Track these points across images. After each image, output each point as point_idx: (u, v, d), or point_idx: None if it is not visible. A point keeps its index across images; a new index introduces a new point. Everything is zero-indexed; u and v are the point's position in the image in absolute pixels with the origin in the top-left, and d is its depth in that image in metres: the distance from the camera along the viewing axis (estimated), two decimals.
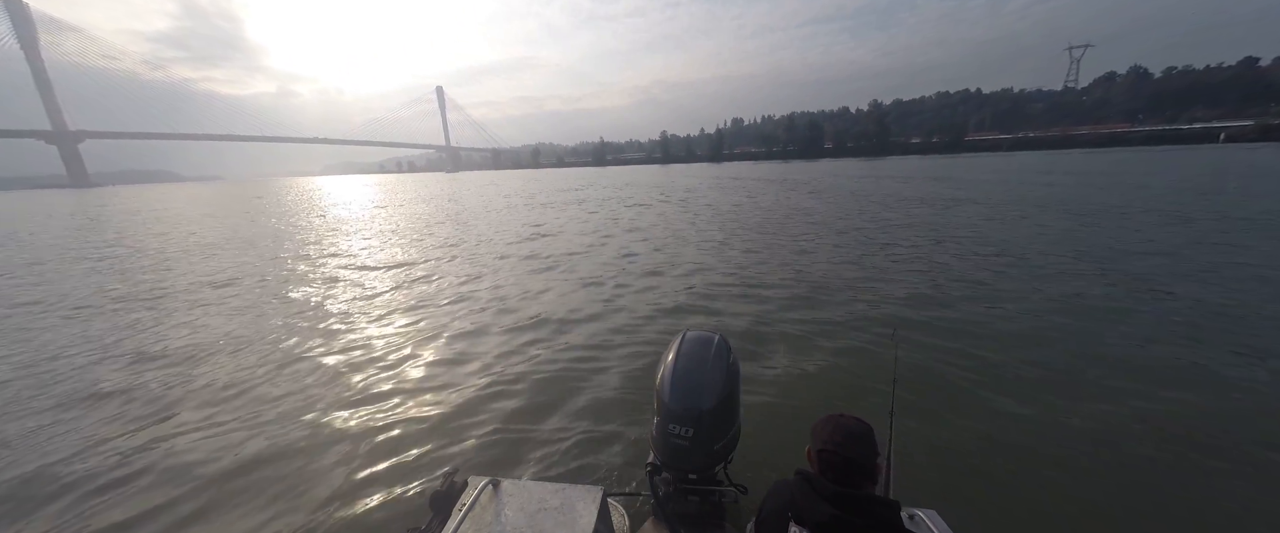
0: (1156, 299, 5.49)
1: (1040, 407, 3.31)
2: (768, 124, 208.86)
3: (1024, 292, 5.93)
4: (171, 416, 3.66)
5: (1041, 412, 3.25)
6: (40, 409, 3.84)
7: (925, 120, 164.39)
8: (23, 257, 12.03)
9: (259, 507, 2.63)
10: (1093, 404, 3.31)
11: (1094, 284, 6.16)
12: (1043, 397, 3.43)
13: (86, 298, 7.49)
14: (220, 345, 5.11)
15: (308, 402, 3.78)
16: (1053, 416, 3.21)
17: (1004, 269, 7.13)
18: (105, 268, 10.07)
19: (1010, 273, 6.91)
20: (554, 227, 14.28)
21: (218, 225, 17.78)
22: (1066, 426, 3.10)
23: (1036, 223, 11.20)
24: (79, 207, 34.95)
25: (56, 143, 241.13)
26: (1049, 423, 3.13)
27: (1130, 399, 3.34)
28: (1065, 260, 7.51)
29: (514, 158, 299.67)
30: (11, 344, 5.43)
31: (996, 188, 20.46)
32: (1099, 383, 3.62)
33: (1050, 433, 3.02)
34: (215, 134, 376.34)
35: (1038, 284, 6.22)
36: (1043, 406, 3.33)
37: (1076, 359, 4.02)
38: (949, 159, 69.30)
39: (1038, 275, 6.70)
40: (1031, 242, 9.05)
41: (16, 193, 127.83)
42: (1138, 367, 3.82)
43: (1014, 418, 3.21)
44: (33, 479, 2.96)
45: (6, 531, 2.56)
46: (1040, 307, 5.33)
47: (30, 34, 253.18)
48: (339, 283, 7.89)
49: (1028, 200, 15.52)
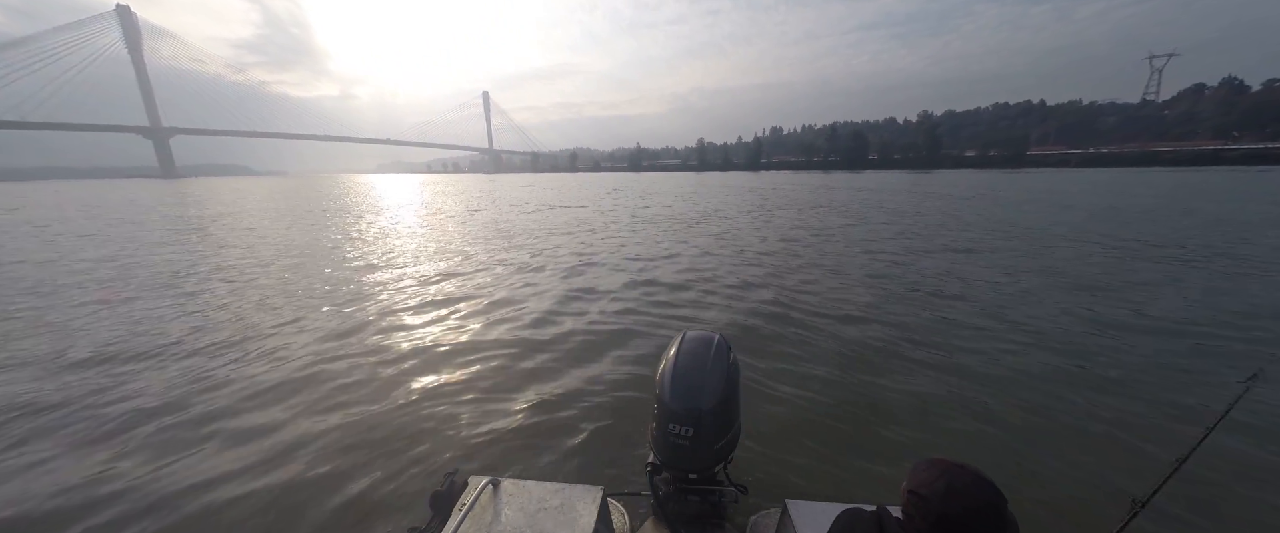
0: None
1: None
2: (809, 133, 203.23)
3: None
4: (172, 413, 3.64)
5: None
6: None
7: (980, 133, 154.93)
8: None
9: (259, 506, 2.63)
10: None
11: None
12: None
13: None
14: (225, 340, 5.11)
15: (307, 400, 3.76)
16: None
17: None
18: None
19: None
20: (558, 229, 14.38)
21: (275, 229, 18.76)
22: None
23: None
24: (187, 194, 37.82)
25: (152, 138, 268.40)
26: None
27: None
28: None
29: (552, 162, 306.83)
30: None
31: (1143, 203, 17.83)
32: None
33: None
34: (286, 133, 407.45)
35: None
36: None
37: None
38: (1008, 175, 64.83)
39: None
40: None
41: (121, 181, 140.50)
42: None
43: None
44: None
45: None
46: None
47: (135, 40, 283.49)
48: (341, 283, 7.94)
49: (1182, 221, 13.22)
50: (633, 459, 2.84)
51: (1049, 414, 3.24)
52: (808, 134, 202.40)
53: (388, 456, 3.01)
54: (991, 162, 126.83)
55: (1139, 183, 34.98)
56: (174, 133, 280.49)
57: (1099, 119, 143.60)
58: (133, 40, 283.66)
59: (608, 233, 13.09)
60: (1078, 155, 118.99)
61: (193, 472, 2.93)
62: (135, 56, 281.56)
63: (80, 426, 3.49)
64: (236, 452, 3.12)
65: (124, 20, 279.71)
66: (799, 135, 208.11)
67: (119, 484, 2.82)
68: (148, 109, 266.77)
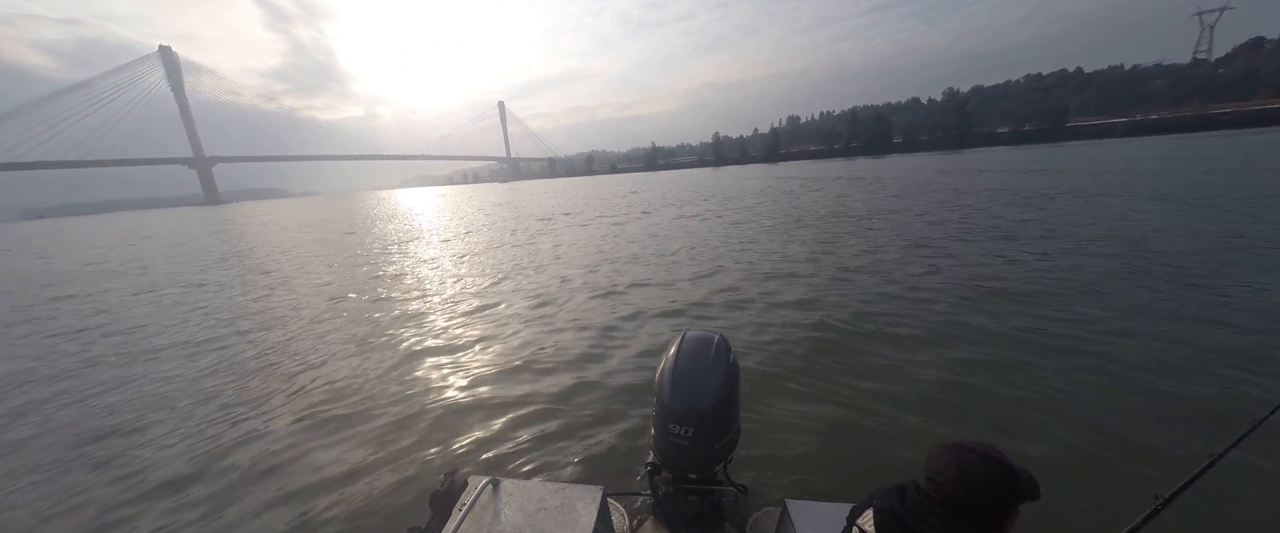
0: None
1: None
2: (827, 120, 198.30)
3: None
4: (168, 408, 3.79)
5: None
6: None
7: (1013, 107, 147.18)
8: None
9: (259, 506, 2.63)
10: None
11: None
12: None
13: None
14: (229, 344, 5.34)
15: (308, 400, 3.82)
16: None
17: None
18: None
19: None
20: (560, 230, 14.39)
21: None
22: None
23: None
24: (235, 219, 40.75)
25: (196, 168, 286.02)
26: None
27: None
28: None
29: (568, 166, 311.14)
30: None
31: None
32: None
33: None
34: (316, 155, 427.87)
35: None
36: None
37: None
38: (1051, 149, 61.08)
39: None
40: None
41: (171, 210, 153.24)
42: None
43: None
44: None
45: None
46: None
47: (177, 77, 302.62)
48: (345, 285, 8.22)
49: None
50: (633, 459, 2.82)
51: (1056, 411, 3.07)
52: (827, 121, 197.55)
53: (388, 455, 3.05)
54: (1027, 136, 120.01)
55: (1198, 151, 32.24)
56: (216, 162, 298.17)
57: (1144, 84, 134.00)
58: (175, 78, 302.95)
59: (605, 233, 13.08)
60: (1123, 124, 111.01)
61: (192, 470, 2.97)
62: (178, 93, 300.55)
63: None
64: (237, 451, 3.15)
65: (166, 60, 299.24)
66: (817, 123, 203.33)
67: (116, 478, 2.93)
68: (191, 141, 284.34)
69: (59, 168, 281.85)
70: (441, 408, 3.58)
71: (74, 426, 3.73)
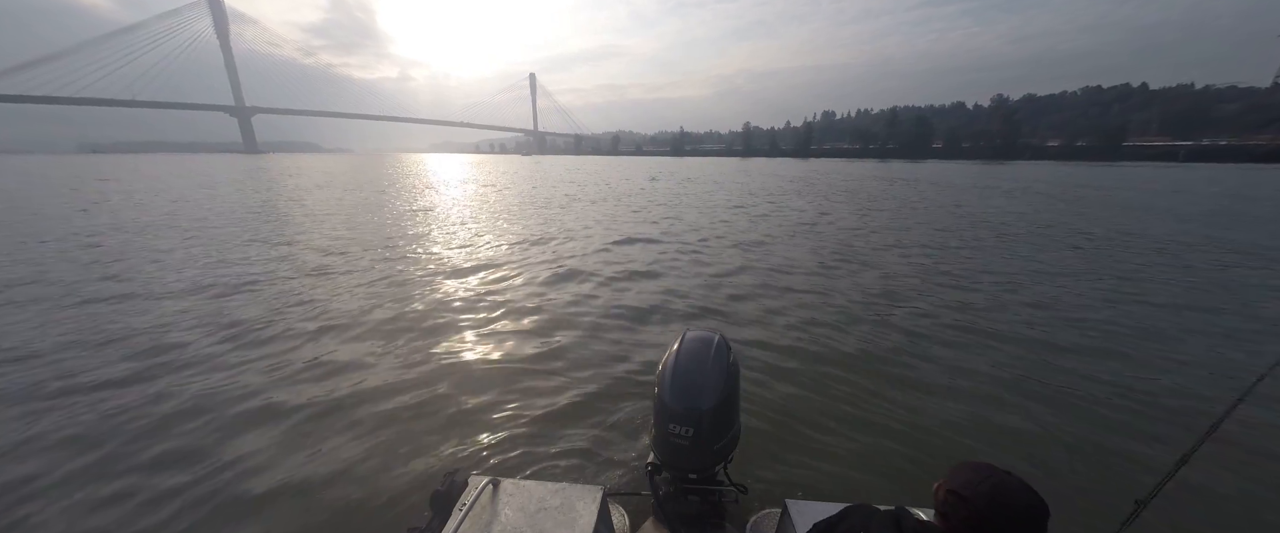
0: None
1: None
2: (864, 118, 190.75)
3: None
4: (169, 403, 3.67)
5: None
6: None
7: (1066, 120, 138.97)
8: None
9: (259, 506, 2.59)
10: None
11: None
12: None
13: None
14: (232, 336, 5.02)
15: (307, 399, 3.72)
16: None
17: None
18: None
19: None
20: (556, 218, 14.12)
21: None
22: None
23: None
24: (287, 168, 42.68)
25: (237, 116, 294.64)
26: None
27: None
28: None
29: (594, 144, 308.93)
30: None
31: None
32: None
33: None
34: (350, 113, 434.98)
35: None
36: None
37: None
38: (1103, 169, 57.78)
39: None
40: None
41: (214, 155, 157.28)
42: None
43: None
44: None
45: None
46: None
47: (223, 25, 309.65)
48: (342, 277, 7.76)
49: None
50: (633, 459, 2.80)
51: (1055, 412, 3.20)
52: (863, 119, 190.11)
53: (387, 455, 2.98)
54: (1079, 153, 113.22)
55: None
56: (256, 112, 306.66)
57: (1214, 106, 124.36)
58: (221, 26, 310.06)
59: (609, 227, 12.86)
60: (1186, 148, 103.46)
61: (192, 470, 2.89)
62: (223, 41, 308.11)
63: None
64: (237, 452, 3.07)
65: (214, 6, 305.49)
66: (853, 120, 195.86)
67: (113, 481, 2.84)
68: (233, 89, 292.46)
69: (113, 106, 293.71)
70: (441, 408, 3.53)
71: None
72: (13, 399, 3.62)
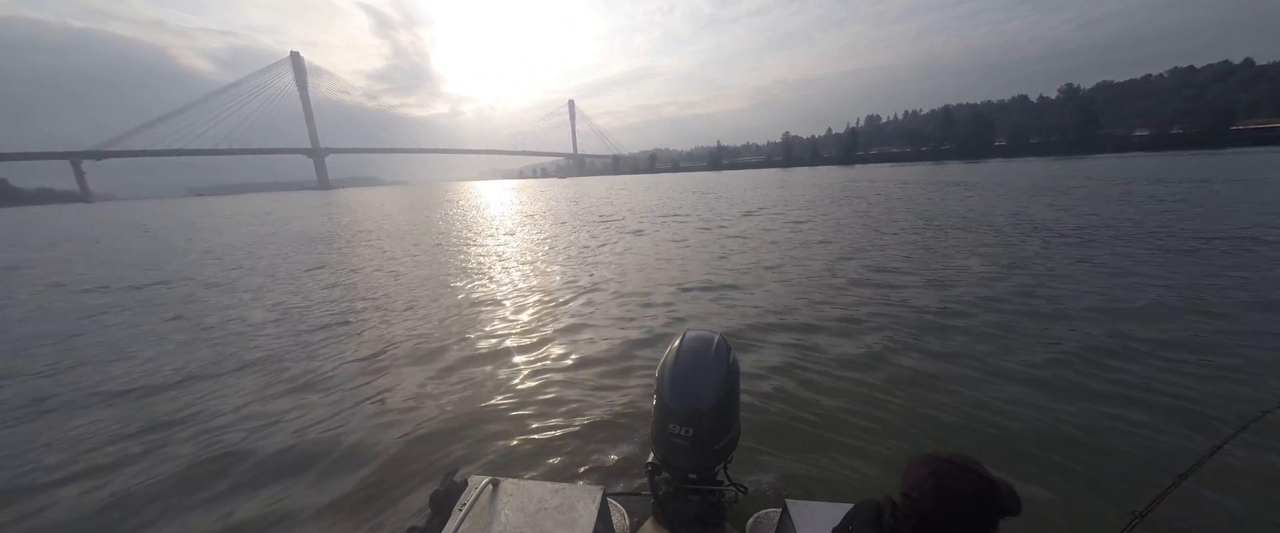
0: None
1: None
2: (913, 120, 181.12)
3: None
4: (168, 403, 3.79)
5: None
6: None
7: (1152, 107, 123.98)
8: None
9: (258, 506, 2.59)
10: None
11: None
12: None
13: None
14: (235, 337, 5.32)
15: (307, 400, 3.78)
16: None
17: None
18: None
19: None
20: (558, 223, 14.55)
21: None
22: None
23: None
24: (358, 201, 46.81)
25: (313, 157, 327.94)
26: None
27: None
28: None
29: (632, 163, 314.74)
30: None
31: None
32: None
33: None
34: (408, 148, 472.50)
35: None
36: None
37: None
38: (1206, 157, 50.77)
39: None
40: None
41: (295, 193, 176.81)
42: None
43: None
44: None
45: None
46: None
47: (303, 78, 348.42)
48: (346, 283, 8.12)
49: None
50: (633, 459, 2.78)
51: (1055, 419, 3.06)
52: (912, 121, 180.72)
53: (388, 455, 2.96)
54: (1175, 141, 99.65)
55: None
56: (329, 152, 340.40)
57: None
58: (300, 79, 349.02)
59: (605, 233, 12.86)
60: None
61: (192, 468, 2.94)
62: (302, 92, 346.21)
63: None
64: (235, 451, 3.11)
65: (295, 63, 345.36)
66: (901, 123, 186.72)
67: (109, 470, 2.96)
68: (310, 134, 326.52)
69: (213, 154, 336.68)
70: (442, 408, 3.52)
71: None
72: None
